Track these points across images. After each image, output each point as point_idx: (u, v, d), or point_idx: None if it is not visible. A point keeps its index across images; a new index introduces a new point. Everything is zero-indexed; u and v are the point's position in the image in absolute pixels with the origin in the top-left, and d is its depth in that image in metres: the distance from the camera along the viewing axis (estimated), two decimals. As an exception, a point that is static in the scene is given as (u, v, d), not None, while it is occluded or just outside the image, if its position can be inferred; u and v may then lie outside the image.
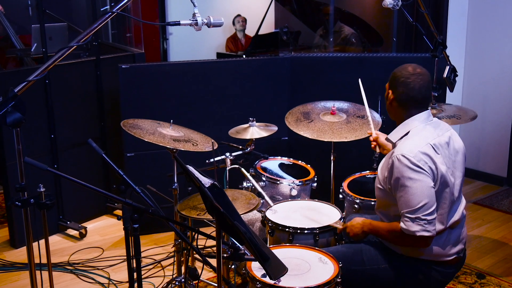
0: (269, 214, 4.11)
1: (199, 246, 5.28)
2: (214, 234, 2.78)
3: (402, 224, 3.28)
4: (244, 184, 4.66)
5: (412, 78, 3.38)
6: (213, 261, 3.71)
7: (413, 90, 3.37)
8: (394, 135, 3.48)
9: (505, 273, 5.00)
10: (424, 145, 3.31)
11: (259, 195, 4.41)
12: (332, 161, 4.84)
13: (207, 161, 4.51)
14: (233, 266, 4.44)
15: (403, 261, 3.48)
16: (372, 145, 4.06)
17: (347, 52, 7.58)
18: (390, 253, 3.52)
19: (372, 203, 4.23)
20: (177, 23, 3.22)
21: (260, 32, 8.73)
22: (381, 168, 3.52)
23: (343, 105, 4.95)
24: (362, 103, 4.28)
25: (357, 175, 4.80)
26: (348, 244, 3.77)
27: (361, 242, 3.66)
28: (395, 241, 3.43)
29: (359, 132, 4.58)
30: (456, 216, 3.47)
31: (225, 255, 2.84)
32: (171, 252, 5.37)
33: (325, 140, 4.55)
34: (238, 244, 2.83)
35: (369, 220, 3.61)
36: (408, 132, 3.41)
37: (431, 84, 3.43)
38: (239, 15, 9.86)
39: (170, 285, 4.50)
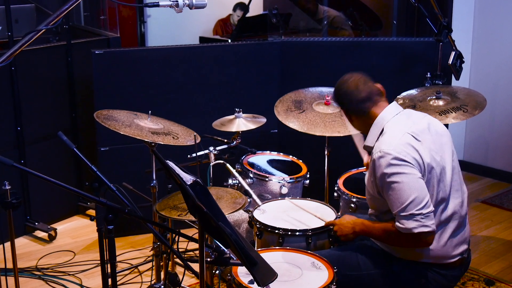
0: (257, 214, 4.12)
1: (180, 250, 5.28)
2: (196, 236, 2.78)
3: (397, 224, 3.28)
4: (230, 181, 4.66)
5: (344, 85, 3.54)
6: (196, 266, 3.72)
7: (352, 93, 3.51)
8: (370, 139, 3.54)
9: (515, 279, 5.03)
10: (402, 135, 3.36)
11: (246, 193, 4.42)
12: (326, 156, 4.86)
13: (188, 156, 4.51)
14: (217, 272, 4.45)
15: (402, 265, 3.49)
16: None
17: (343, 36, 7.58)
18: (388, 257, 3.53)
19: (370, 202, 4.25)
20: (156, 4, 3.22)
21: (247, 15, 8.71)
22: (367, 177, 3.57)
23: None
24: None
25: (354, 171, 4.81)
26: (342, 247, 3.79)
27: (357, 245, 3.68)
28: (392, 242, 3.45)
29: None
30: (460, 209, 3.48)
31: (208, 259, 2.85)
32: (149, 256, 5.37)
33: (317, 134, 4.56)
34: (223, 247, 2.84)
35: (360, 219, 3.63)
36: (382, 130, 3.46)
37: (367, 78, 3.56)
38: (241, 5, 9.83)
39: (148, 292, 4.52)
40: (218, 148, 4.65)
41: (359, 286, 3.55)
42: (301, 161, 5.05)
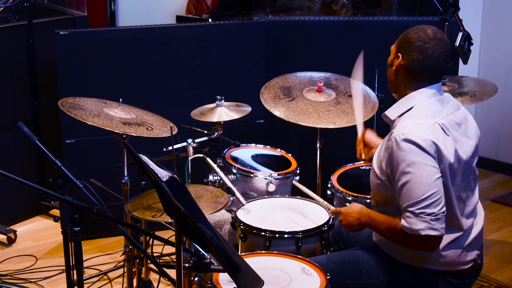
0: (241, 214, 4.12)
1: (154, 254, 5.29)
2: (173, 239, 2.79)
3: (403, 222, 3.22)
4: (210, 177, 4.67)
5: (431, 43, 3.35)
6: (172, 273, 3.73)
7: (430, 58, 3.34)
8: (394, 111, 3.47)
9: (529, 287, 5.04)
10: (431, 125, 3.30)
11: (229, 191, 4.42)
12: (318, 149, 4.86)
13: (164, 149, 4.51)
14: (196, 279, 4.45)
15: (408, 273, 3.47)
16: (358, 154, 4.07)
17: (337, 15, 7.59)
18: (392, 263, 3.52)
19: (368, 200, 4.24)
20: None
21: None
22: (377, 155, 3.51)
23: (332, 77, 4.96)
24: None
25: (349, 166, 4.81)
26: (340, 252, 3.78)
27: (358, 252, 3.66)
28: (395, 240, 3.40)
29: (351, 116, 4.58)
30: (476, 215, 3.49)
31: (186, 265, 2.86)
32: (120, 261, 5.37)
33: (309, 125, 4.56)
34: (203, 252, 2.84)
35: (367, 210, 3.56)
36: (411, 108, 3.40)
37: (449, 56, 3.41)
38: None
39: (119, 302, 4.53)
40: (197, 140, 4.64)
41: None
42: (290, 155, 5.05)
